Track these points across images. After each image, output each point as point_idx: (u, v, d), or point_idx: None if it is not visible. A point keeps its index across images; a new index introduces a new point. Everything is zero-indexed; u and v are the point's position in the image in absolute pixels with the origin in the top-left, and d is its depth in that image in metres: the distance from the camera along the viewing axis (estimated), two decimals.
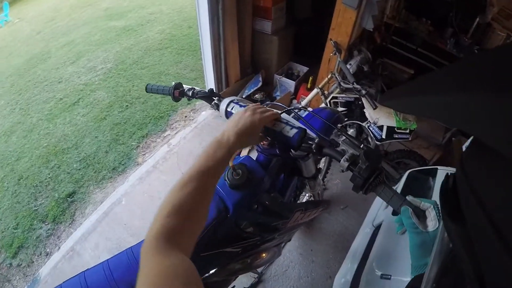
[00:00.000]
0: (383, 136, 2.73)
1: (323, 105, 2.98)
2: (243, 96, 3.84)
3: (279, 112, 1.06)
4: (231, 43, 3.60)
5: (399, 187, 2.16)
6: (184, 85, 1.43)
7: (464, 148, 2.09)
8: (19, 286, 2.58)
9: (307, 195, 2.36)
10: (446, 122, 0.46)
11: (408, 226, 0.79)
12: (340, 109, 2.96)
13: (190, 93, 1.38)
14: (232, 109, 1.18)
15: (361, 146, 0.92)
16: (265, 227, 1.42)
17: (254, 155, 1.36)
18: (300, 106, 3.03)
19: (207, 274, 1.39)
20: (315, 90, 2.95)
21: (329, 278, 2.50)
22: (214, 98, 1.29)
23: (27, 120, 4.24)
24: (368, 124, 2.78)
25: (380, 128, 2.73)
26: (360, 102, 2.85)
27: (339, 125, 1.68)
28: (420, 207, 0.81)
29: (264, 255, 1.66)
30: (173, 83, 1.41)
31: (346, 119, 2.88)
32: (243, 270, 1.58)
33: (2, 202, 3.25)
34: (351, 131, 2.87)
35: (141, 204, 2.95)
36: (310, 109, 1.52)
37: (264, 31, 3.97)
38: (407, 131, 2.69)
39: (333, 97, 2.96)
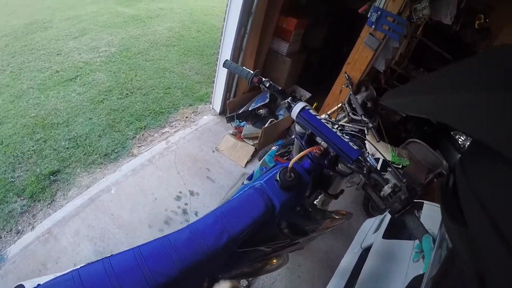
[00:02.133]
0: (378, 168, 2.85)
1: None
2: (249, 109, 3.82)
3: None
4: (249, 55, 3.63)
5: (387, 216, 2.37)
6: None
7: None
8: None
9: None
10: (447, 122, 0.46)
11: (427, 251, 0.94)
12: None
13: (267, 84, 1.47)
14: (304, 113, 1.30)
15: (403, 180, 1.08)
16: (298, 230, 1.50)
17: None
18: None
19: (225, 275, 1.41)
20: (323, 116, 3.03)
21: None
22: (288, 98, 1.36)
23: (16, 85, 3.97)
24: (367, 155, 2.90)
25: (377, 160, 2.89)
26: (366, 134, 2.99)
27: None
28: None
29: (275, 261, 1.73)
30: (255, 71, 1.52)
31: None
32: (249, 274, 1.72)
33: None
34: None
35: (131, 197, 2.79)
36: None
37: (280, 52, 4.15)
38: (400, 166, 2.84)
39: (340, 125, 3.04)
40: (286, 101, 1.36)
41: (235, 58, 3.50)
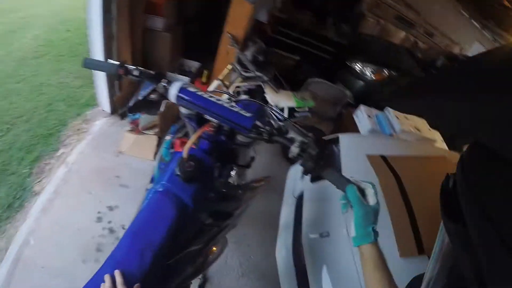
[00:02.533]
0: (286, 116, 2.94)
1: (225, 96, 3.11)
2: (139, 98, 3.67)
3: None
4: (124, 42, 3.45)
5: None
6: (127, 65, 1.35)
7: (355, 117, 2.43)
8: None
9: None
10: (448, 123, 0.48)
11: (354, 200, 0.92)
12: (243, 97, 3.10)
13: (137, 73, 1.30)
14: (182, 93, 1.18)
15: (309, 135, 1.04)
16: (222, 215, 1.49)
17: None
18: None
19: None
20: (216, 82, 3.05)
21: (268, 256, 2.62)
22: (162, 81, 1.24)
23: None
24: (271, 107, 2.97)
25: (282, 110, 2.93)
26: (260, 87, 3.02)
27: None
28: (361, 186, 0.96)
29: (215, 248, 1.69)
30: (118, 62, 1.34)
31: None
32: (195, 273, 1.58)
33: None
34: None
35: (53, 239, 2.61)
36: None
37: (156, 28, 3.97)
38: (306, 109, 2.93)
39: (236, 87, 3.05)
40: (161, 84, 1.24)
41: (109, 48, 3.26)
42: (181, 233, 1.14)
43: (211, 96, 1.18)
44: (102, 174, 3.16)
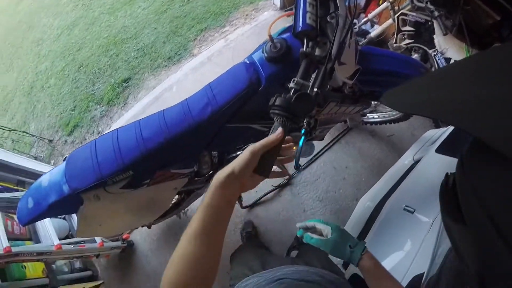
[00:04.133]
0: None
1: (390, 20, 2.69)
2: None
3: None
4: None
5: (450, 128, 2.02)
6: None
7: None
8: None
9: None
10: (447, 121, 0.27)
11: (315, 244, 0.89)
12: (407, 28, 2.68)
13: None
14: None
15: (315, 90, 0.86)
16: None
17: None
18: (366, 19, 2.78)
19: (233, 155, 1.51)
20: (385, 4, 2.68)
21: (355, 200, 2.36)
22: None
23: (89, 14, 4.31)
24: (435, 53, 2.48)
25: (447, 60, 2.45)
26: (430, 24, 2.53)
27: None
28: (316, 226, 0.94)
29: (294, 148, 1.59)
30: None
31: (412, 41, 2.69)
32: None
33: (63, 87, 3.42)
34: (415, 56, 2.63)
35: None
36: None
37: None
38: None
39: (402, 14, 2.63)
40: None
41: None
42: (247, 105, 1.15)
43: None
44: None
